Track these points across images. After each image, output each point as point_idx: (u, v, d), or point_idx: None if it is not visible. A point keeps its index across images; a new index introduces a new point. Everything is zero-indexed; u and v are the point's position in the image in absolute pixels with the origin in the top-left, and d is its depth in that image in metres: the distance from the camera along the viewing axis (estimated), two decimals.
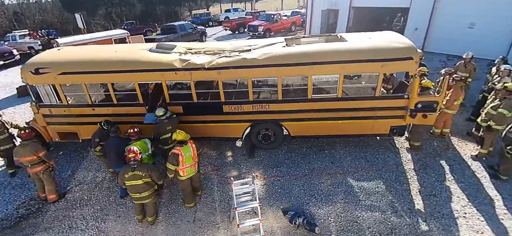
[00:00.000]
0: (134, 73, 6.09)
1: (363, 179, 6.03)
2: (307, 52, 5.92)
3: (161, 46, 6.93)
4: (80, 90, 6.41)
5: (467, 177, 5.96)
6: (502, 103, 5.93)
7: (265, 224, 5.10)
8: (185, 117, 6.55)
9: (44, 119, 6.82)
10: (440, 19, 13.37)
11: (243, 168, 6.63)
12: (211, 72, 5.97)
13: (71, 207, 5.77)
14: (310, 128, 6.62)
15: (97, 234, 5.12)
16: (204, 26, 27.76)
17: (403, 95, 6.09)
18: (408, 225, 4.92)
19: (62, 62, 6.31)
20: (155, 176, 4.86)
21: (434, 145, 7.06)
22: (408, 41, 5.91)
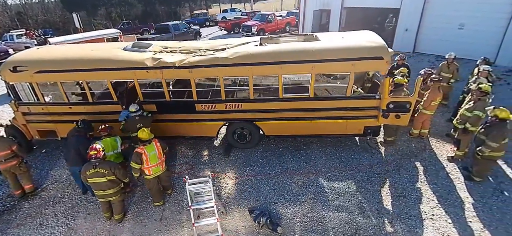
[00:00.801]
0: (107, 71, 6.13)
1: (334, 179, 6.00)
2: (277, 51, 5.91)
3: (136, 45, 6.96)
4: (57, 88, 6.48)
5: (441, 178, 5.89)
6: (477, 105, 5.87)
7: (230, 223, 5.11)
8: (159, 116, 6.59)
9: (24, 117, 6.90)
10: (430, 20, 13.25)
11: (218, 167, 6.64)
12: (183, 71, 5.99)
13: (44, 204, 5.83)
14: (284, 128, 6.61)
15: (66, 231, 5.16)
16: (201, 26, 27.88)
17: (374, 96, 6.06)
18: (374, 226, 4.88)
19: (39, 60, 6.38)
20: (119, 173, 4.89)
21: (411, 146, 7.00)
22: (380, 41, 5.87)
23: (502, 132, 5.06)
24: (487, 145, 5.13)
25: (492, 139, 5.07)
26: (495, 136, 5.06)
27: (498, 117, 5.10)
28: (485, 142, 5.20)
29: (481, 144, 5.30)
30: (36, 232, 5.13)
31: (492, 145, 5.08)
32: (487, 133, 5.20)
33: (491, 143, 5.08)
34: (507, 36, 11.20)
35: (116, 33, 14.41)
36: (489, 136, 5.14)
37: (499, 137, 5.05)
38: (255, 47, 6.22)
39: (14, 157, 5.52)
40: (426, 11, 13.21)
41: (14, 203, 5.85)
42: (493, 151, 5.18)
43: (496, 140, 5.06)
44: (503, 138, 5.08)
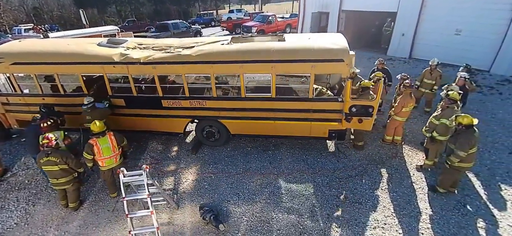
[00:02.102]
0: (78, 65, 6.30)
1: (293, 182, 5.93)
2: (238, 50, 5.90)
3: (111, 41, 7.13)
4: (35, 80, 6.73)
5: (403, 187, 5.71)
6: (444, 113, 5.66)
7: (179, 218, 5.14)
8: (127, 110, 6.72)
9: (3, 107, 7.20)
10: (426, 25, 12.87)
11: (182, 163, 6.70)
12: (147, 67, 6.08)
13: (11, 189, 6.05)
14: (248, 127, 6.59)
15: (23, 216, 5.34)
16: (207, 25, 28.17)
17: (337, 98, 5.95)
18: (320, 230, 4.79)
19: (15, 53, 6.62)
20: (72, 163, 5.01)
21: (381, 153, 6.81)
22: (343, 43, 5.76)
23: (469, 140, 4.78)
24: (456, 154, 4.87)
25: (460, 147, 4.81)
26: (462, 143, 4.80)
27: (462, 124, 4.89)
28: (453, 151, 4.94)
29: (451, 153, 5.04)
30: None
31: (460, 154, 4.81)
32: (455, 141, 4.96)
33: (459, 152, 4.81)
34: (505, 43, 10.72)
35: (114, 30, 14.78)
36: (456, 144, 4.89)
37: (466, 144, 4.77)
38: (220, 45, 6.24)
39: None
40: (423, 15, 12.84)
41: None
42: (462, 161, 4.92)
43: (464, 147, 4.78)
44: (471, 146, 4.79)
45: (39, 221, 5.17)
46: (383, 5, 14.38)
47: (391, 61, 14.20)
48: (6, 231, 4.98)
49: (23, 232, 4.95)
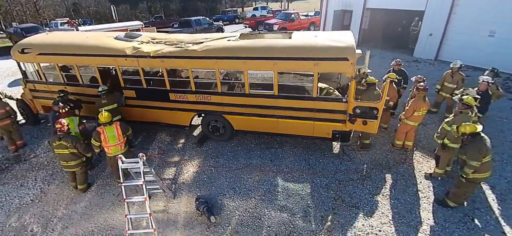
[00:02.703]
0: (93, 57, 6.71)
1: (291, 181, 5.88)
2: (241, 47, 5.95)
3: (128, 35, 7.51)
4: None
5: (407, 195, 5.43)
6: (456, 119, 5.29)
7: (174, 207, 5.33)
8: (137, 102, 7.05)
9: (31, 93, 7.88)
10: (457, 25, 11.98)
11: (186, 155, 6.90)
12: (156, 61, 6.32)
13: (31, 169, 6.61)
14: (252, 124, 6.62)
15: (38, 194, 5.83)
16: (231, 22, 28.51)
17: (341, 99, 5.79)
18: (310, 231, 4.72)
19: (41, 44, 7.20)
20: (80, 148, 5.38)
21: (389, 157, 6.53)
22: (349, 41, 5.58)
23: (479, 148, 4.40)
24: (469, 165, 4.49)
25: (471, 157, 4.45)
26: (472, 153, 4.45)
27: (466, 134, 4.50)
28: (466, 162, 4.57)
29: (464, 165, 4.66)
30: (15, 191, 5.87)
31: (473, 165, 4.44)
32: (465, 152, 4.59)
33: (472, 162, 4.44)
34: None
35: (138, 25, 15.50)
36: (467, 154, 4.53)
37: (477, 153, 4.41)
38: (226, 42, 6.32)
39: (8, 117, 6.69)
40: (453, 15, 11.98)
41: (8, 165, 6.72)
42: (477, 171, 4.52)
43: (475, 157, 4.41)
44: (483, 154, 4.42)
45: (51, 200, 5.62)
46: (410, 3, 13.63)
47: (416, 63, 13.47)
48: (22, 206, 5.47)
49: (36, 209, 5.40)
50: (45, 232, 4.87)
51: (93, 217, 5.17)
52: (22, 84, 7.81)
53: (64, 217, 5.20)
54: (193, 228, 4.87)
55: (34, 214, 5.26)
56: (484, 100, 6.28)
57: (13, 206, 5.45)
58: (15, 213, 5.29)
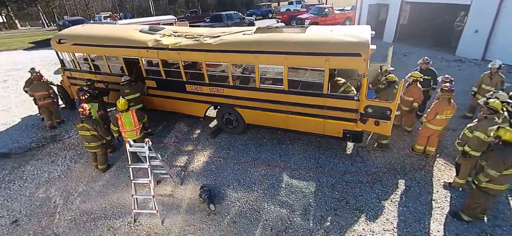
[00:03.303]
0: (119, 48, 7.22)
1: (297, 177, 5.80)
2: (253, 41, 5.97)
3: (152, 28, 7.93)
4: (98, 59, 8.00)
5: (419, 203, 5.06)
6: (480, 124, 4.79)
7: (180, 192, 5.58)
8: (157, 92, 7.44)
9: (68, 80, 8.73)
10: (507, 22, 10.62)
11: (200, 145, 7.14)
12: (174, 53, 6.62)
13: (64, 148, 7.36)
14: (262, 118, 6.64)
15: (65, 170, 6.48)
16: (264, 17, 28.50)
17: (353, 97, 5.54)
18: (307, 230, 4.64)
19: (75, 35, 7.93)
20: (101, 131, 5.86)
21: (406, 162, 6.12)
22: (363, 36, 5.30)
23: (505, 158, 3.93)
24: (486, 173, 4.08)
25: (492, 165, 4.00)
26: (495, 161, 3.97)
27: (501, 138, 3.98)
28: (484, 169, 4.14)
29: (481, 171, 4.24)
30: (46, 166, 6.60)
31: (491, 174, 4.01)
32: (487, 157, 4.13)
33: (490, 170, 4.00)
34: None
35: (171, 19, 16.21)
36: (488, 161, 4.07)
37: (500, 163, 3.94)
38: (241, 35, 6.38)
39: (49, 97, 7.72)
40: (503, 10, 10.65)
41: (44, 144, 7.55)
42: (492, 181, 4.11)
43: (497, 166, 3.95)
44: (507, 166, 3.96)
45: (75, 177, 6.22)
46: None
47: (458, 63, 12.29)
48: (50, 180, 6.13)
49: (61, 183, 6.02)
50: (65, 205, 5.42)
51: (108, 195, 5.62)
52: (61, 72, 8.68)
53: (83, 192, 5.73)
54: (194, 214, 5.06)
55: (59, 188, 5.88)
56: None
57: (43, 179, 6.14)
58: (44, 185, 5.96)
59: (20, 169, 6.51)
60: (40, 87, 7.75)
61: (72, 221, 5.05)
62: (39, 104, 7.92)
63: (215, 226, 4.79)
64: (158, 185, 5.80)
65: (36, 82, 7.81)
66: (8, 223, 5.05)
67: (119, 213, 5.17)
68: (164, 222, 4.93)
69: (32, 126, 8.53)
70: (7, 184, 6.03)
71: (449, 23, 14.37)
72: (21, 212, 5.28)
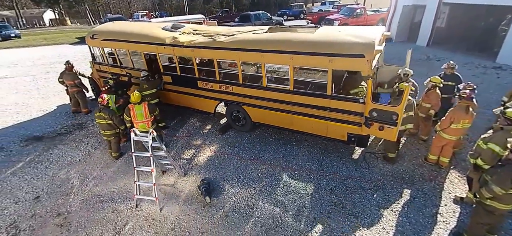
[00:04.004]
0: (141, 44, 7.70)
1: (296, 178, 5.77)
2: (261, 40, 6.03)
3: (174, 26, 8.34)
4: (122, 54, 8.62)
5: (422, 216, 4.76)
6: (495, 135, 4.39)
7: (181, 183, 5.84)
8: (172, 86, 7.82)
9: (97, 73, 9.49)
10: None
11: (208, 140, 7.37)
12: (188, 50, 6.91)
13: (87, 135, 8.02)
14: (268, 117, 6.67)
15: (86, 155, 7.08)
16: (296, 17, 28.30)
17: (358, 99, 5.36)
18: (297, 230, 4.61)
19: (105, 31, 8.60)
20: (115, 120, 6.33)
21: (416, 172, 5.78)
22: (369, 38, 5.11)
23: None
24: (489, 189, 3.69)
25: (498, 181, 3.61)
26: (502, 178, 3.59)
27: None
28: (487, 184, 3.78)
29: (484, 185, 3.87)
30: (71, 151, 7.26)
31: (495, 190, 3.63)
32: (493, 172, 3.76)
33: (495, 186, 3.62)
34: None
35: (200, 18, 16.75)
36: (494, 176, 3.70)
37: (507, 180, 3.56)
38: (251, 34, 6.48)
39: (75, 86, 8.61)
40: None
41: (71, 130, 8.30)
42: (496, 199, 3.74)
43: (503, 184, 3.58)
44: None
45: (92, 162, 6.77)
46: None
47: (497, 70, 11.19)
48: (72, 163, 6.75)
49: (80, 167, 6.60)
50: (81, 186, 5.94)
51: (117, 180, 6.06)
52: (91, 65, 9.47)
53: (97, 177, 6.23)
54: (191, 204, 5.27)
55: (78, 171, 6.45)
56: None
57: (66, 162, 6.77)
58: (65, 168, 6.58)
59: (49, 152, 7.25)
60: (69, 77, 8.68)
61: (84, 201, 5.53)
62: (68, 92, 8.81)
63: (208, 218, 4.95)
64: (163, 175, 6.11)
65: (68, 72, 8.68)
66: (31, 199, 5.67)
67: (125, 198, 5.54)
68: (162, 209, 5.20)
69: (65, 113, 9.41)
70: (35, 164, 6.76)
71: (493, 26, 13.12)
72: (43, 190, 5.90)
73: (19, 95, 11.57)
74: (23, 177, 6.28)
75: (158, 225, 4.89)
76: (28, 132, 8.32)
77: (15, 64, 17.00)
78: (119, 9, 42.34)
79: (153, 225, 4.90)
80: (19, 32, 28.97)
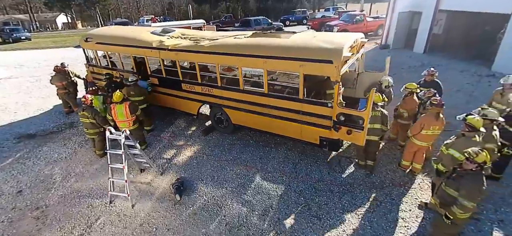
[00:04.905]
0: (130, 47, 7.98)
1: (268, 180, 5.88)
2: (238, 45, 6.21)
3: (164, 30, 8.62)
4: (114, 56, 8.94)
5: (384, 221, 4.78)
6: (456, 141, 4.43)
7: (158, 181, 6.04)
8: (159, 88, 8.06)
9: (91, 75, 9.84)
10: None
11: (190, 141, 7.56)
12: (172, 53, 7.15)
13: (76, 134, 8.29)
14: (247, 120, 6.82)
15: (72, 152, 7.35)
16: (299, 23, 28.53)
17: (326, 103, 5.46)
18: (258, 230, 4.72)
19: (99, 35, 8.95)
20: (98, 120, 6.57)
21: (387, 177, 5.81)
22: (338, 44, 5.23)
23: (480, 185, 3.51)
24: (461, 206, 3.58)
25: (468, 196, 3.53)
26: (471, 191, 3.53)
27: (476, 162, 3.49)
28: (457, 201, 3.65)
29: (452, 203, 3.72)
30: (59, 148, 7.55)
31: (468, 206, 3.55)
32: (459, 186, 3.65)
33: (467, 202, 3.53)
34: None
35: (200, 23, 17.13)
36: (461, 190, 3.60)
37: (475, 192, 3.53)
38: (233, 39, 6.67)
39: (64, 89, 8.81)
40: None
41: (62, 129, 8.63)
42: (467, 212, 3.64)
43: (473, 197, 3.52)
44: (481, 193, 3.57)
45: (77, 159, 7.04)
46: (491, 4, 11.23)
47: (490, 78, 11.03)
48: (58, 160, 7.03)
49: (65, 164, 6.87)
50: (62, 182, 6.20)
51: (97, 177, 6.29)
52: (85, 66, 9.83)
53: (79, 173, 6.48)
54: (163, 202, 5.45)
55: (62, 167, 6.72)
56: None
57: (52, 159, 7.06)
58: (51, 164, 6.87)
59: (38, 149, 7.56)
60: (57, 79, 8.96)
61: (62, 196, 5.78)
62: (58, 94, 9.17)
63: (177, 215, 5.11)
64: (141, 173, 6.31)
65: (56, 75, 9.00)
66: (15, 192, 5.95)
67: (101, 194, 5.76)
68: (134, 206, 5.39)
69: (59, 113, 9.78)
70: (24, 160, 7.07)
71: (491, 34, 12.97)
72: (26, 185, 6.18)
73: (21, 95, 12.07)
74: (10, 172, 6.58)
75: (128, 221, 5.08)
76: (22, 130, 8.70)
77: (21, 65, 17.70)
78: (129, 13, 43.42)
79: (123, 221, 5.08)
80: (30, 35, 30.10)
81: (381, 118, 5.42)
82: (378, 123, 5.42)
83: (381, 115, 5.42)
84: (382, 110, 5.44)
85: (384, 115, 5.46)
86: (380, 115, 5.41)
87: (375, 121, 5.38)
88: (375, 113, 5.35)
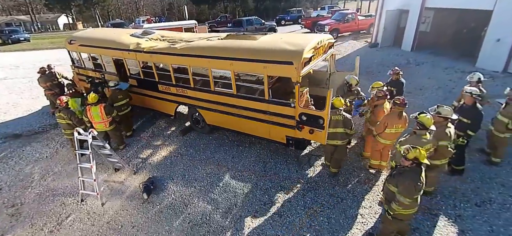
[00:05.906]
0: (109, 50, 8.17)
1: (237, 179, 6.03)
2: (207, 47, 6.36)
3: (144, 32, 8.78)
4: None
5: (343, 217, 4.91)
6: (408, 139, 4.56)
7: (130, 181, 6.21)
8: (137, 89, 8.24)
9: (77, 76, 10.06)
10: None
11: (168, 141, 7.73)
12: (147, 55, 7.32)
13: (60, 134, 8.39)
14: (219, 120, 6.97)
15: (52, 152, 7.55)
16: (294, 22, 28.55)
17: (289, 103, 5.59)
18: (220, 227, 4.88)
19: (82, 37, 9.15)
20: (74, 120, 6.76)
21: (354, 174, 5.95)
22: (299, 46, 5.36)
23: (417, 182, 3.62)
24: (399, 202, 3.73)
25: (404, 192, 3.66)
26: (408, 188, 3.63)
27: (409, 158, 3.68)
28: (395, 197, 3.81)
29: (392, 199, 3.89)
30: (41, 148, 7.78)
31: (404, 202, 3.69)
32: (397, 182, 3.79)
33: (403, 198, 3.67)
34: None
35: (192, 24, 17.29)
36: (399, 187, 3.74)
37: (412, 189, 3.62)
38: (205, 41, 6.81)
39: (49, 90, 8.94)
40: None
41: (47, 129, 8.86)
42: (403, 208, 3.78)
43: (410, 193, 3.64)
44: (419, 189, 3.64)
45: (57, 159, 7.26)
46: (474, 1, 11.23)
47: None
48: (39, 159, 7.25)
49: (45, 163, 7.10)
50: (40, 181, 6.42)
51: (73, 176, 6.47)
52: (71, 68, 10.05)
53: (57, 172, 6.70)
54: (132, 200, 5.63)
55: (41, 166, 6.94)
56: (472, 116, 5.20)
57: (33, 159, 7.29)
58: (32, 163, 7.09)
59: (22, 149, 7.80)
60: (42, 80, 9.17)
61: (38, 194, 5.99)
62: (45, 94, 9.38)
63: (143, 213, 5.29)
64: (116, 173, 6.50)
65: (41, 76, 9.19)
66: None
67: (75, 193, 5.95)
68: (104, 204, 5.58)
69: (46, 113, 10.03)
70: (7, 159, 7.31)
71: (477, 31, 12.96)
72: (6, 183, 6.41)
73: (12, 95, 12.34)
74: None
75: (96, 218, 5.27)
76: (10, 130, 8.94)
77: (17, 66, 18.03)
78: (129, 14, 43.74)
79: (92, 218, 5.28)
80: (29, 36, 30.55)
81: (343, 122, 5.34)
82: (340, 127, 5.37)
83: (344, 119, 5.34)
84: (344, 114, 5.39)
85: (347, 119, 5.38)
86: (342, 119, 5.33)
87: (337, 125, 5.35)
88: (336, 117, 5.33)
